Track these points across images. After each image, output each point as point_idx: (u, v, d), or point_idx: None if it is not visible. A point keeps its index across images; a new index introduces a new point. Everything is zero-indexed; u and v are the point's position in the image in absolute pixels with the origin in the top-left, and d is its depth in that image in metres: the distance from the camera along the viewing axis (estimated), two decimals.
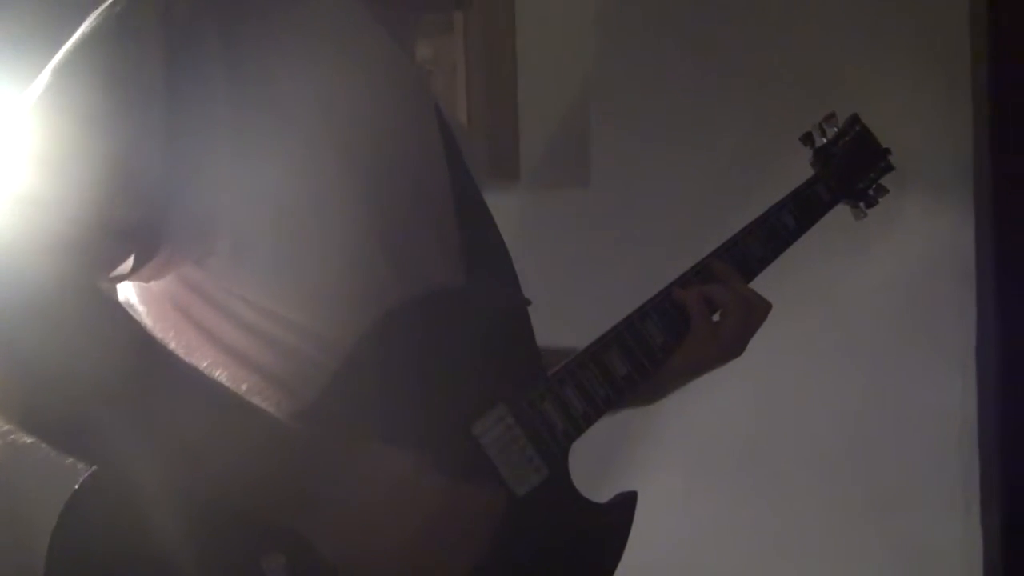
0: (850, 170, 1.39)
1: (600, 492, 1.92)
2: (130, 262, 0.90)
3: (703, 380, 2.00)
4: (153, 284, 0.94)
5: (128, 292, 0.98)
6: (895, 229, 1.86)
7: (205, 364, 0.89)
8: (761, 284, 1.99)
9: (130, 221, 0.86)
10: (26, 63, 0.92)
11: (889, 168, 1.45)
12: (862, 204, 1.43)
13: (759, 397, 2.00)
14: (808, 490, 1.94)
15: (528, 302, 1.09)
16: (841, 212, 1.92)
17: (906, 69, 1.86)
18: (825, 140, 1.38)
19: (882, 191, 1.44)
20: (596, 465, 2.02)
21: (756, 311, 1.23)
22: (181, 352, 0.88)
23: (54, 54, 0.90)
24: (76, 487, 0.87)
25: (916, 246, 1.85)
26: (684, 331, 1.18)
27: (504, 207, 2.23)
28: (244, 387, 0.89)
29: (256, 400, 0.88)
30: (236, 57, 0.89)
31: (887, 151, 1.45)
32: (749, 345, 1.93)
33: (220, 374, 0.89)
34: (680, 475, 2.07)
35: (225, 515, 0.86)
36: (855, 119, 1.42)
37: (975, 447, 1.80)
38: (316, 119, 0.92)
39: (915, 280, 1.85)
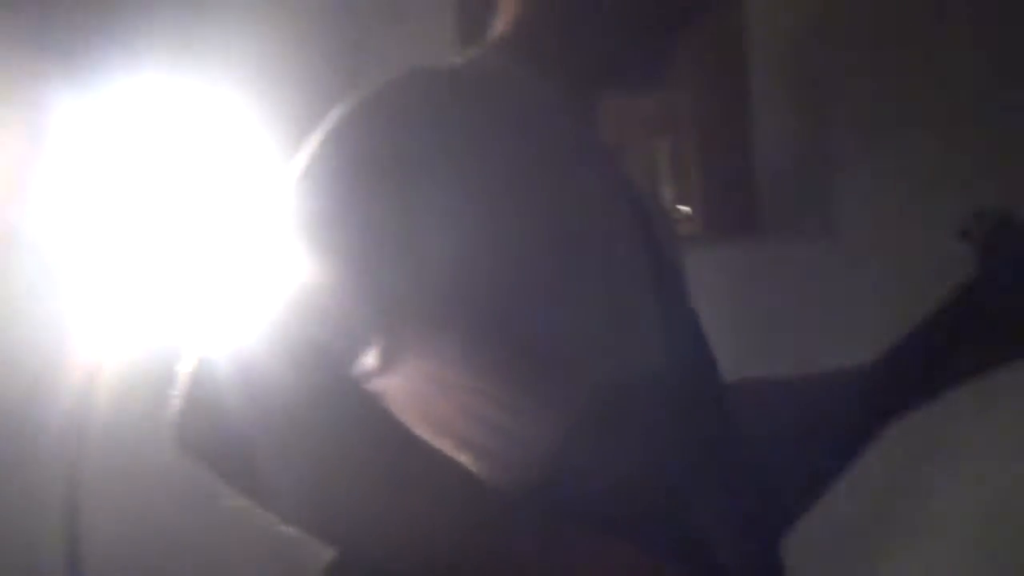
0: None
1: None
2: (369, 364, 0.92)
3: None
4: (382, 383, 0.96)
5: None
6: None
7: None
8: None
9: (375, 320, 0.90)
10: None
11: None
12: None
13: None
14: None
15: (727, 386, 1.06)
16: None
17: None
18: None
19: None
20: None
21: None
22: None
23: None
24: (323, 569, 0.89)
25: None
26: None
27: (739, 261, 2.19)
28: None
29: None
30: (452, 149, 0.92)
31: None
32: None
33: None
34: None
35: None
36: None
37: None
38: (525, 207, 0.94)
39: None
